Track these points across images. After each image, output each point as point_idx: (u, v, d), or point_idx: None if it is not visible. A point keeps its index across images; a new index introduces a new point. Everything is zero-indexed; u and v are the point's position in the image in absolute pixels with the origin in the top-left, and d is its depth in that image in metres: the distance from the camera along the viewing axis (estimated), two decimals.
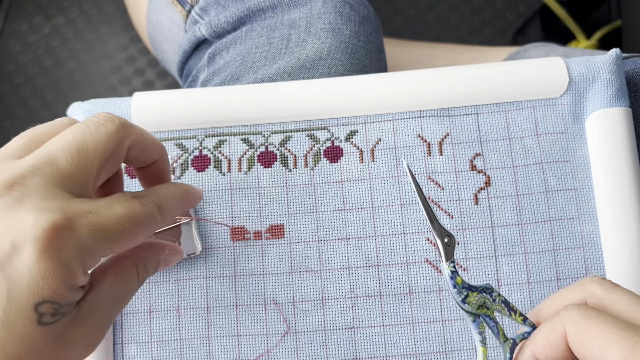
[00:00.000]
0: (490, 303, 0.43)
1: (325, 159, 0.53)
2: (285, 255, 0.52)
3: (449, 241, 0.43)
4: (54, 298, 0.35)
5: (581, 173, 0.52)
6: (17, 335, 0.34)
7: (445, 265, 0.43)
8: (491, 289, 0.43)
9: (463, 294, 0.42)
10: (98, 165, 0.39)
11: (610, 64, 0.53)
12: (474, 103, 0.53)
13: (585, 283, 0.40)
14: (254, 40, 0.63)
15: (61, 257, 0.35)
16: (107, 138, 0.39)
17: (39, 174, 0.36)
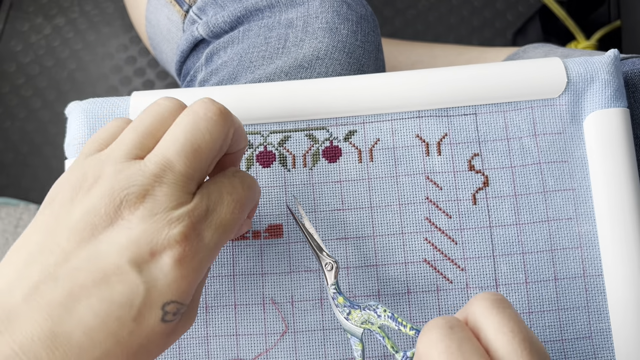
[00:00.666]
0: (375, 319, 0.46)
1: (324, 159, 0.53)
2: (284, 254, 0.52)
3: (328, 266, 0.48)
4: (180, 299, 0.39)
5: (579, 173, 0.52)
6: (144, 329, 0.38)
7: (328, 287, 0.48)
8: (376, 306, 0.46)
9: (345, 311, 0.47)
10: (212, 160, 0.41)
11: (609, 64, 0.53)
12: (473, 103, 0.53)
13: (472, 300, 0.39)
14: (252, 40, 0.64)
15: (193, 263, 0.39)
16: (218, 134, 0.41)
17: (164, 182, 0.39)
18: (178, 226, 0.38)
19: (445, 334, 0.37)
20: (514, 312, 0.38)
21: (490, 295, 0.39)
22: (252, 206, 0.44)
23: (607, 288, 0.50)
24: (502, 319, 0.37)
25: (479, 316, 0.38)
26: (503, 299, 0.39)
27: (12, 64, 1.17)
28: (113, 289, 0.37)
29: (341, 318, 0.46)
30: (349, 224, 0.52)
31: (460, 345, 0.36)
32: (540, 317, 0.51)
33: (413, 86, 0.53)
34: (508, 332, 0.37)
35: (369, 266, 0.52)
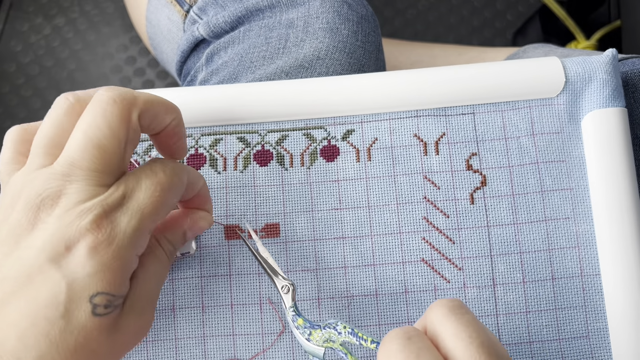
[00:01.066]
0: (336, 336, 0.46)
1: (321, 158, 0.53)
2: (281, 254, 0.52)
3: (284, 288, 0.49)
4: (107, 289, 0.39)
5: (577, 173, 0.52)
6: (76, 326, 0.38)
7: (286, 312, 0.48)
8: (335, 324, 0.46)
9: (306, 333, 0.47)
10: (120, 150, 0.41)
11: (607, 64, 0.53)
12: (471, 103, 0.53)
13: (430, 308, 0.39)
14: (252, 40, 0.64)
15: (110, 250, 0.39)
16: (117, 124, 0.41)
17: (74, 180, 0.39)
18: (89, 216, 0.39)
19: (404, 345, 0.37)
20: (472, 317, 0.38)
21: (447, 301, 0.39)
22: (178, 191, 0.44)
23: (605, 288, 0.50)
24: (460, 325, 0.37)
25: (436, 324, 0.38)
26: (460, 305, 0.39)
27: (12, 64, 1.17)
28: (38, 290, 0.38)
29: (302, 340, 0.47)
30: (346, 224, 0.52)
31: (419, 355, 0.36)
32: (538, 316, 0.51)
33: (411, 86, 0.53)
34: (466, 338, 0.37)
35: (366, 266, 0.52)
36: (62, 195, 0.39)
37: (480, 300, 0.51)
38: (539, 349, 0.50)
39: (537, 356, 0.50)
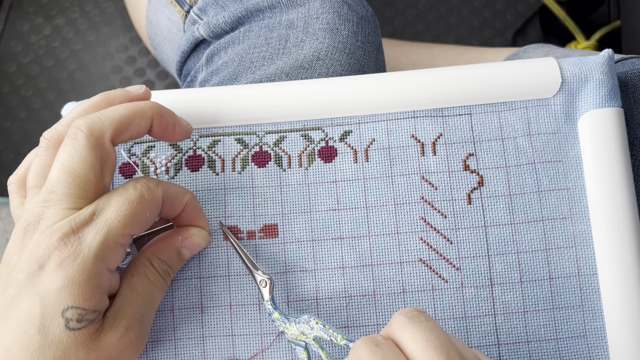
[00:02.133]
0: (309, 331, 0.47)
1: (319, 159, 0.53)
2: (279, 254, 0.52)
3: (262, 282, 0.50)
4: (77, 303, 0.41)
5: (573, 173, 0.52)
6: (53, 340, 0.40)
7: (265, 303, 0.49)
8: (309, 319, 0.48)
9: (282, 326, 0.48)
10: (94, 173, 0.44)
11: (603, 64, 0.53)
12: (467, 103, 0.53)
13: (392, 319, 0.41)
14: (252, 41, 0.64)
15: (75, 264, 0.41)
16: (88, 151, 0.44)
17: (50, 205, 0.43)
18: (57, 234, 0.41)
19: (372, 350, 0.38)
20: (431, 323, 0.39)
21: (407, 311, 0.40)
22: (150, 205, 0.45)
23: (602, 287, 0.51)
24: (418, 330, 0.38)
25: (397, 331, 0.39)
26: (420, 313, 0.40)
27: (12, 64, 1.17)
28: (19, 307, 0.41)
29: (283, 332, 0.49)
30: (344, 224, 0.52)
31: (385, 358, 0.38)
32: (535, 316, 0.51)
33: (408, 86, 0.53)
34: (423, 342, 0.38)
35: (364, 266, 0.52)
36: (40, 219, 0.42)
37: (477, 300, 0.51)
38: (536, 349, 0.50)
39: (534, 356, 0.50)
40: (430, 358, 0.37)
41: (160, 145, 0.54)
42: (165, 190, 0.46)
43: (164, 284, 0.48)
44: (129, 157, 0.53)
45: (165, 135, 0.48)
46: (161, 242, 0.49)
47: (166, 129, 0.48)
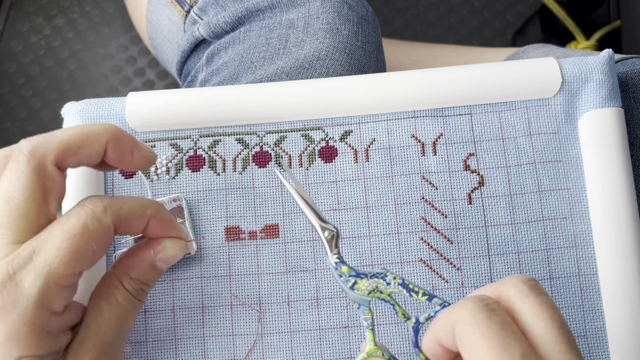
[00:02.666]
0: (384, 287, 0.44)
1: (319, 159, 0.53)
2: (280, 255, 0.52)
3: (328, 235, 0.45)
4: (28, 353, 0.37)
5: (574, 173, 0.52)
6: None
7: (330, 257, 0.45)
8: (384, 274, 0.44)
9: (351, 281, 0.44)
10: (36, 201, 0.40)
11: (603, 64, 0.53)
12: (468, 103, 0.53)
13: (505, 282, 0.39)
14: (253, 41, 0.64)
15: (15, 315, 0.37)
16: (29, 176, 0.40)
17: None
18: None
19: (488, 316, 0.36)
20: (550, 299, 0.37)
21: (525, 278, 0.38)
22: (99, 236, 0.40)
23: (602, 287, 0.51)
24: (540, 305, 0.37)
25: (515, 299, 0.37)
26: (538, 284, 0.38)
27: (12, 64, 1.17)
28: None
29: (345, 288, 0.44)
30: (344, 224, 0.52)
31: (502, 329, 0.35)
32: None
33: (408, 86, 0.53)
34: (547, 319, 0.36)
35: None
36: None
37: None
38: None
39: None
40: (553, 339, 0.36)
41: (161, 145, 0.54)
42: (116, 213, 0.41)
43: (137, 304, 0.44)
44: None
45: (121, 161, 0.44)
46: (132, 257, 0.45)
47: (123, 155, 0.44)
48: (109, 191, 0.53)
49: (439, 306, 0.42)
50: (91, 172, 0.52)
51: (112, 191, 0.53)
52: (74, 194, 0.52)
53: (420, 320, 0.43)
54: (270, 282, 0.52)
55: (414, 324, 0.43)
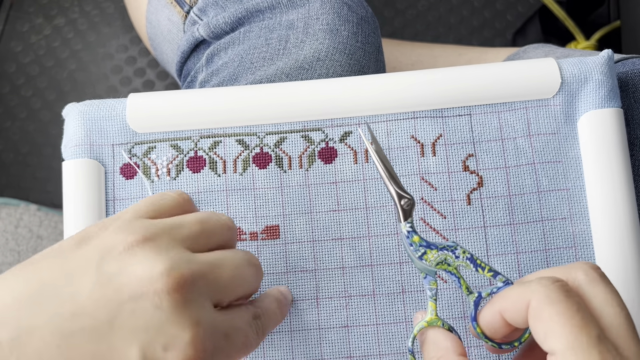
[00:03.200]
0: (453, 260, 0.45)
1: (319, 160, 0.54)
2: (281, 255, 0.52)
3: (405, 204, 0.45)
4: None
5: (573, 173, 0.52)
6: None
7: (402, 225, 0.45)
8: (454, 247, 0.45)
9: (420, 251, 0.45)
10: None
11: (602, 65, 0.53)
12: (467, 104, 0.53)
13: (574, 267, 0.40)
14: (252, 41, 0.64)
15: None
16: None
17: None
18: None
19: (566, 297, 0.37)
20: (615, 288, 0.39)
21: (594, 266, 0.40)
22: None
23: None
24: (610, 292, 0.38)
25: (585, 285, 0.38)
26: (604, 274, 0.40)
27: (12, 64, 1.17)
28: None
29: (414, 257, 0.45)
30: (344, 225, 0.53)
31: (579, 310, 0.37)
32: None
33: (408, 87, 0.53)
34: (616, 306, 0.37)
35: (364, 266, 0.52)
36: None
37: None
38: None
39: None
40: (621, 325, 0.37)
41: (161, 146, 0.54)
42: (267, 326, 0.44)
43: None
44: (129, 157, 0.54)
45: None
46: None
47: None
48: (110, 191, 0.53)
49: (501, 283, 0.44)
50: (92, 171, 0.53)
51: (113, 191, 0.53)
52: (74, 193, 0.52)
53: (483, 295, 0.44)
54: (271, 282, 0.52)
55: (475, 298, 0.44)
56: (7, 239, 1.06)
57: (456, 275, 0.45)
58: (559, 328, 0.36)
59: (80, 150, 0.53)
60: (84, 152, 0.53)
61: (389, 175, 0.46)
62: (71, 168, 0.53)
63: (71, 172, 0.52)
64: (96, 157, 0.53)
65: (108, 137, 0.54)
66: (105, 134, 0.54)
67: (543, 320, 0.37)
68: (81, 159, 0.53)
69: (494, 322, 0.41)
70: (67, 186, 0.52)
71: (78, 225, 0.52)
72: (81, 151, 0.53)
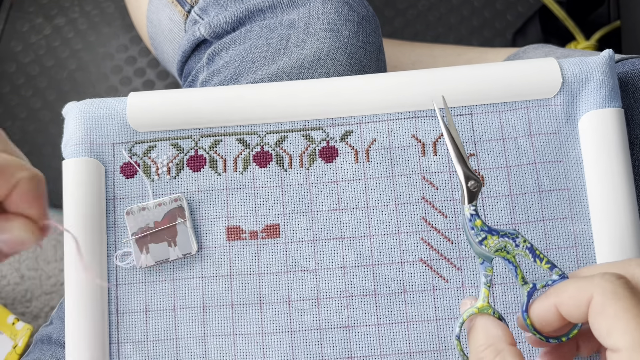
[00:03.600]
0: (512, 248, 0.44)
1: (320, 159, 0.53)
2: (281, 254, 0.52)
3: (472, 185, 0.44)
4: None
5: (574, 173, 0.52)
6: None
7: (466, 207, 0.44)
8: (516, 235, 0.44)
9: (481, 236, 0.44)
10: None
11: (603, 64, 0.53)
12: (468, 103, 0.53)
13: (631, 263, 0.40)
14: (253, 41, 0.64)
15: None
16: None
17: None
18: None
19: (631, 293, 0.37)
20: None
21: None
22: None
23: None
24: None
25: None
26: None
27: (12, 64, 1.17)
28: None
29: (473, 242, 0.44)
30: (345, 224, 0.53)
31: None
32: None
33: (409, 87, 0.53)
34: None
35: (365, 266, 0.52)
36: None
37: None
38: (536, 348, 0.50)
39: (535, 354, 0.50)
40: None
41: (162, 145, 0.54)
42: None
43: None
44: (129, 156, 0.53)
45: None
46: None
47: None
48: (110, 190, 0.53)
49: (557, 276, 0.43)
50: (92, 170, 0.52)
51: (113, 190, 0.53)
52: (74, 192, 0.52)
53: (537, 286, 0.43)
54: (271, 282, 0.52)
55: (529, 289, 0.43)
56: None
57: (514, 264, 0.44)
58: (624, 325, 0.36)
59: (80, 149, 0.53)
60: (84, 151, 0.53)
61: (459, 154, 0.45)
62: (71, 167, 0.53)
63: (71, 171, 0.52)
64: (96, 156, 0.53)
65: (108, 135, 0.54)
66: (105, 133, 0.54)
67: (607, 317, 0.37)
68: (81, 157, 0.53)
69: (548, 315, 0.41)
70: (67, 185, 0.52)
71: (78, 224, 0.51)
72: (81, 150, 0.53)
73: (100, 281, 0.51)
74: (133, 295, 0.52)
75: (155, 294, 0.52)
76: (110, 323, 0.52)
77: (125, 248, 0.52)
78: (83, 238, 0.51)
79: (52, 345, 0.59)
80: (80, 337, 0.51)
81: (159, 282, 0.52)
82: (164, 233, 0.52)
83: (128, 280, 0.52)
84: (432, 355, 0.51)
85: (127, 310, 0.52)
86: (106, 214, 0.53)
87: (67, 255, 0.52)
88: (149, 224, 0.52)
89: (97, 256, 0.52)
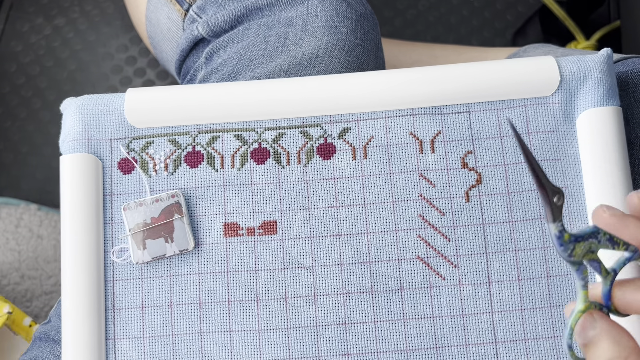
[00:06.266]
0: (596, 246, 0.41)
1: (318, 156, 0.53)
2: (278, 251, 0.52)
3: (557, 200, 0.40)
4: None
5: (571, 171, 0.52)
6: None
7: (554, 226, 0.40)
8: (597, 231, 0.41)
9: (570, 248, 0.40)
10: None
11: (601, 63, 0.53)
12: (466, 101, 0.53)
13: None
14: (251, 39, 0.64)
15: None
16: None
17: None
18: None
19: None
20: None
21: None
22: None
23: None
24: None
25: None
26: None
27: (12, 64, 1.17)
28: None
29: (565, 258, 0.41)
30: (342, 221, 0.53)
31: None
32: (533, 314, 0.51)
33: (407, 84, 0.53)
34: None
35: (362, 263, 0.52)
36: None
37: (475, 298, 0.51)
38: (533, 346, 0.50)
39: (532, 353, 0.50)
40: None
41: (159, 141, 0.54)
42: None
43: None
44: (127, 152, 0.54)
45: None
46: None
47: None
48: (107, 186, 0.53)
49: (630, 253, 0.41)
50: (89, 165, 0.53)
51: (110, 186, 0.53)
52: (71, 188, 0.52)
53: (617, 270, 0.41)
54: (268, 279, 0.52)
55: (612, 277, 0.41)
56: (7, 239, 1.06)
57: (597, 261, 0.41)
58: None
59: (78, 144, 0.53)
60: (81, 147, 0.53)
61: (540, 170, 0.41)
62: (68, 162, 0.53)
63: (68, 167, 0.52)
64: (94, 152, 0.53)
65: (106, 131, 0.54)
66: (103, 129, 0.54)
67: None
68: (79, 153, 0.53)
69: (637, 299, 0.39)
70: (64, 181, 0.52)
71: (75, 220, 0.52)
72: (79, 146, 0.53)
73: None
74: (130, 291, 0.52)
75: (151, 290, 0.52)
76: (106, 319, 0.52)
77: (122, 244, 0.52)
78: (80, 234, 0.51)
79: (50, 343, 0.59)
80: (77, 333, 0.51)
81: (155, 278, 0.52)
82: (161, 229, 0.52)
83: (125, 276, 0.52)
84: (428, 352, 0.51)
85: (124, 306, 0.52)
86: (103, 209, 0.53)
87: (63, 252, 0.52)
88: (146, 219, 0.52)
89: (94, 252, 0.52)
